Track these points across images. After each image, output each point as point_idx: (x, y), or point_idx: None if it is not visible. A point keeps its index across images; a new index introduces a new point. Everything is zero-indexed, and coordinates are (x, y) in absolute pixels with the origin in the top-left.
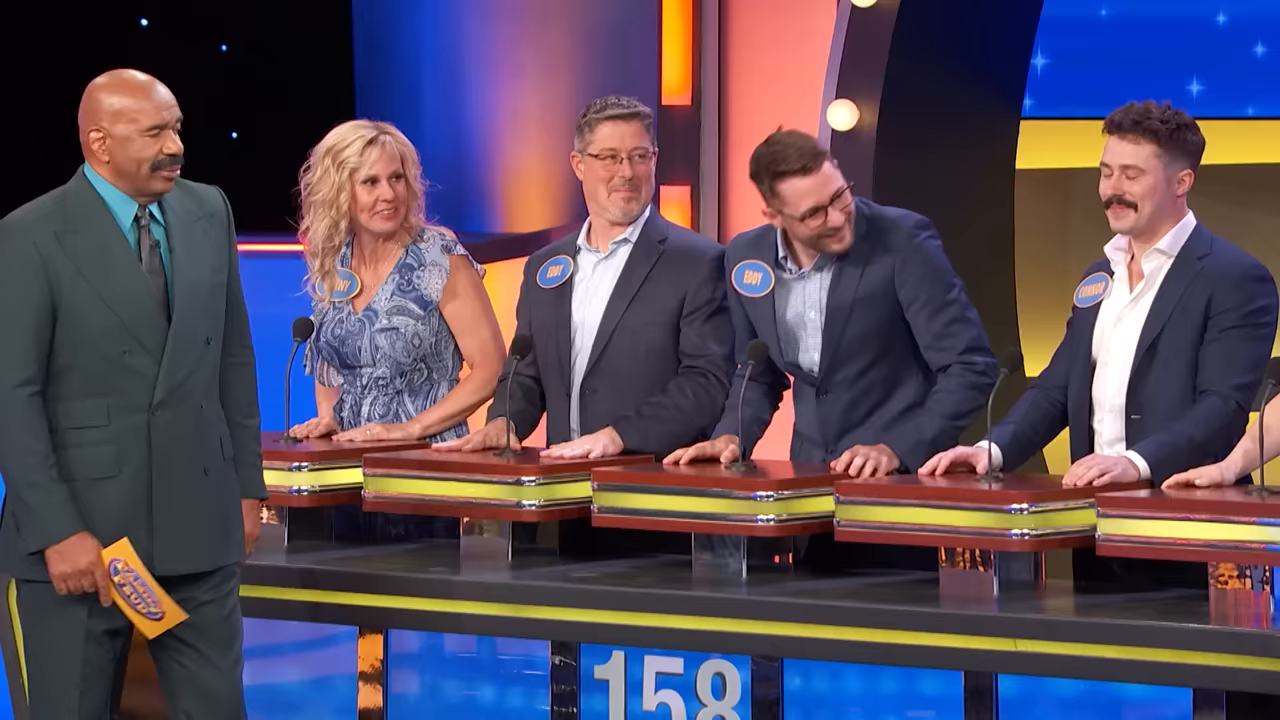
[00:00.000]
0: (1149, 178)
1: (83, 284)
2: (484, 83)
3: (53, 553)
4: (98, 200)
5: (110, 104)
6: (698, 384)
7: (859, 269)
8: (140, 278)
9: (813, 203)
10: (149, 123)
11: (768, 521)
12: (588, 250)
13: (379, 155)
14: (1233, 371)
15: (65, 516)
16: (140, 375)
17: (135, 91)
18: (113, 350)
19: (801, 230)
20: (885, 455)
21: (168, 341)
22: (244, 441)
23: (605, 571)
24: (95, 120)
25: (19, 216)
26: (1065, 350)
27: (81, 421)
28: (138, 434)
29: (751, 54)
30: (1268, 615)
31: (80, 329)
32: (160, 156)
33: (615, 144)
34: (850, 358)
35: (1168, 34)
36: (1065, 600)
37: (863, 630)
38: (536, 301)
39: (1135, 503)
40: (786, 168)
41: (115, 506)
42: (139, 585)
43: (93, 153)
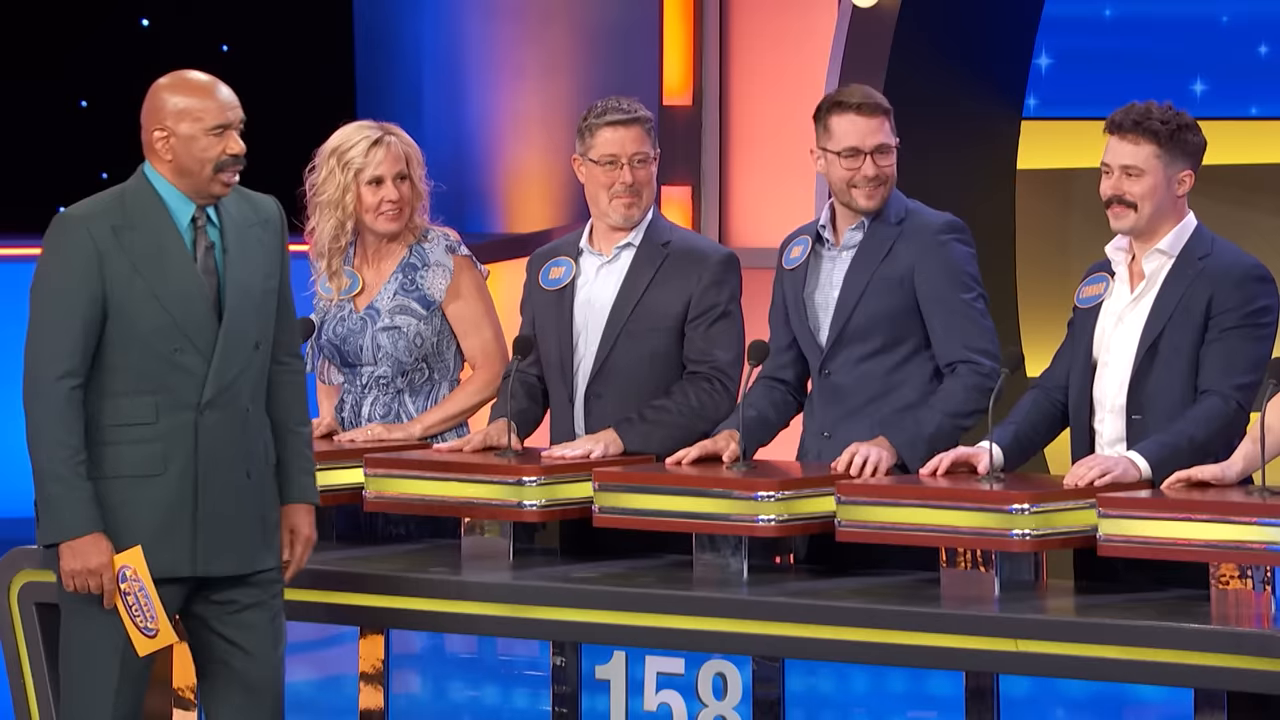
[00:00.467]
0: (1149, 178)
1: (137, 280)
2: (485, 83)
3: (66, 548)
4: (156, 199)
5: (174, 103)
6: (702, 389)
7: (881, 252)
8: (194, 277)
9: (854, 143)
10: (213, 122)
11: (769, 522)
12: (590, 253)
13: (384, 156)
14: (1233, 371)
15: (84, 514)
16: (190, 374)
17: (199, 91)
18: (163, 348)
19: (837, 172)
20: (885, 450)
21: (218, 342)
22: (296, 448)
23: (606, 572)
24: (159, 119)
25: (77, 210)
26: (1066, 350)
27: (129, 419)
28: (185, 433)
29: (752, 54)
30: (1269, 615)
31: (132, 325)
32: (223, 157)
33: (615, 150)
34: (856, 339)
35: (1171, 34)
36: (1066, 600)
37: (864, 630)
38: (539, 302)
39: (1136, 503)
40: (846, 100)
41: (159, 505)
42: (142, 597)
43: (155, 151)
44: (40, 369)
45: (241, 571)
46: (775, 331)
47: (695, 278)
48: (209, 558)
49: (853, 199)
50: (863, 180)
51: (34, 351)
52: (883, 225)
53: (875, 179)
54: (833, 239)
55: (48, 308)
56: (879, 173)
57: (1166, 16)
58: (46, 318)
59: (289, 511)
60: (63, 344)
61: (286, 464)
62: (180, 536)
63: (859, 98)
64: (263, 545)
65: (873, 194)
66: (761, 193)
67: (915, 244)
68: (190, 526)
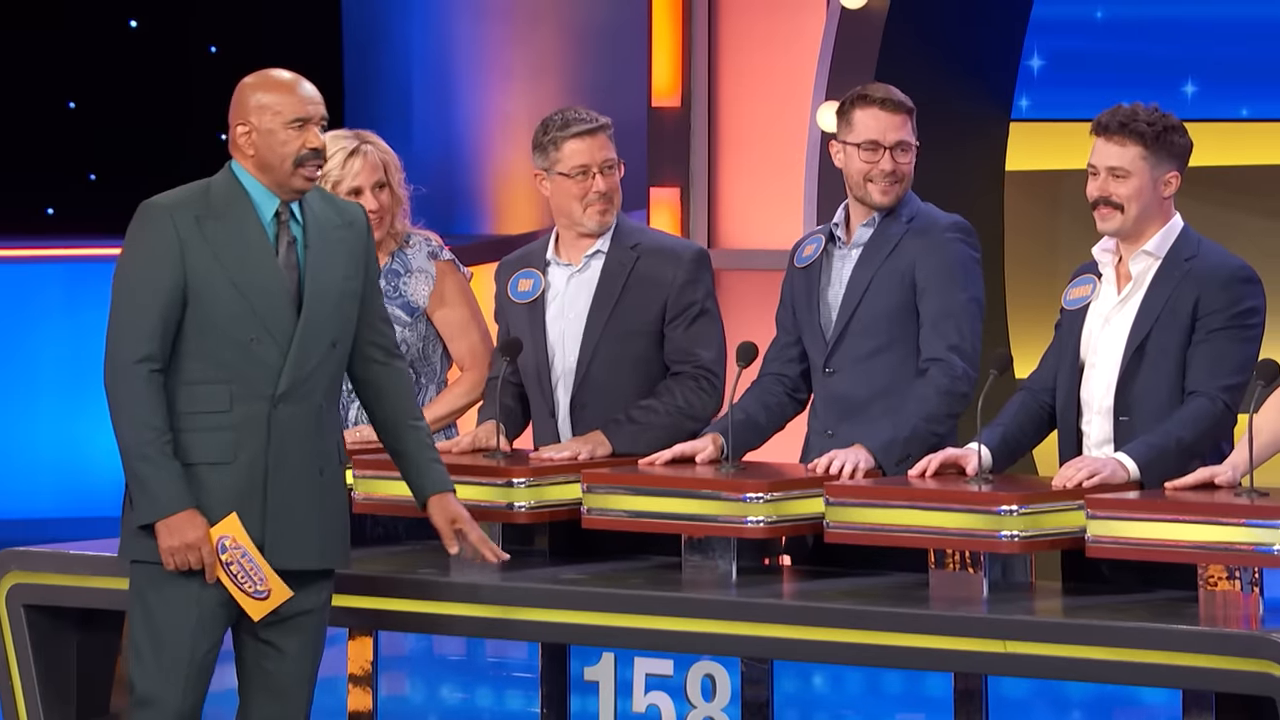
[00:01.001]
0: (1135, 180)
1: (217, 269)
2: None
3: (162, 526)
4: (241, 192)
5: (256, 99)
6: (688, 388)
7: (888, 248)
8: (275, 269)
9: (875, 136)
10: (292, 115)
11: (757, 523)
12: (558, 264)
13: (361, 166)
14: (1220, 373)
15: (177, 491)
16: (266, 365)
17: (280, 87)
18: (241, 337)
19: (855, 165)
20: (863, 457)
21: (295, 335)
22: (420, 440)
23: (595, 573)
24: (242, 115)
25: (161, 199)
26: (1053, 352)
27: (203, 406)
28: (258, 423)
29: (741, 56)
30: (1257, 617)
31: (210, 313)
32: (303, 151)
33: (585, 160)
34: (858, 336)
35: (1163, 36)
36: (1055, 602)
37: (853, 632)
38: (511, 315)
39: (1124, 504)
40: (870, 95)
41: (229, 492)
42: (246, 563)
43: (238, 147)
44: (121, 353)
45: (309, 567)
46: (781, 329)
47: (669, 278)
48: (275, 549)
49: (868, 193)
50: (879, 175)
51: (115, 336)
52: (892, 222)
53: (892, 174)
54: (845, 237)
55: (130, 293)
56: (897, 169)
57: (1158, 18)
58: (128, 303)
59: (440, 502)
60: (143, 328)
61: (415, 457)
62: (249, 526)
63: (883, 93)
64: (328, 544)
65: (888, 189)
66: (750, 194)
67: (920, 241)
68: (259, 516)
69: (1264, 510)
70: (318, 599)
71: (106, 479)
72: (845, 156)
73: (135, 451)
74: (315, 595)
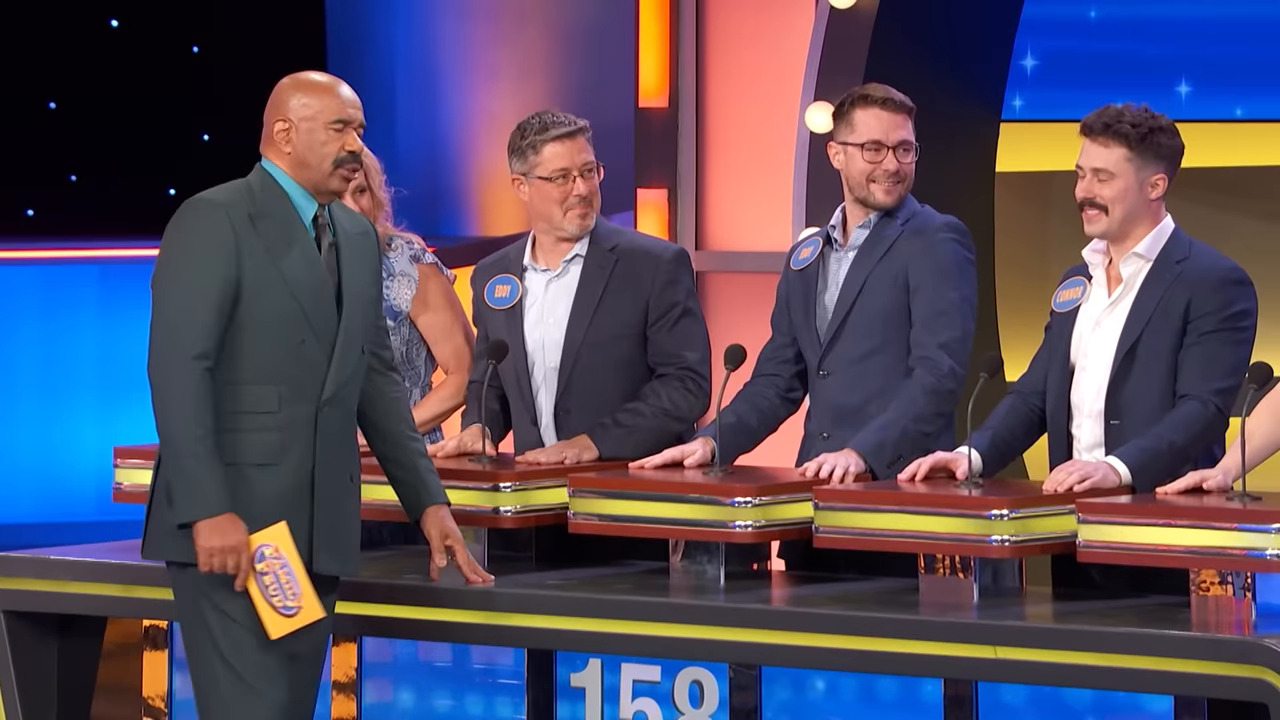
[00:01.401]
0: (1119, 181)
1: (272, 268)
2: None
3: (205, 525)
4: (282, 192)
5: (298, 98)
6: (674, 389)
7: (883, 248)
8: (322, 272)
9: (878, 136)
10: (333, 116)
11: (746, 528)
12: (536, 269)
13: None
14: (1212, 376)
15: (223, 492)
16: (313, 367)
17: (321, 89)
18: (291, 338)
19: (857, 165)
20: (853, 461)
21: (338, 339)
22: (420, 451)
23: (581, 578)
24: (281, 112)
25: (212, 195)
26: (1043, 355)
27: (252, 406)
28: (305, 426)
29: (729, 56)
30: (1249, 622)
31: (262, 312)
32: (341, 153)
33: (566, 163)
34: (853, 336)
35: (1156, 35)
36: (1045, 607)
37: (841, 637)
38: (489, 321)
39: (1116, 508)
40: (871, 95)
41: (275, 493)
42: (284, 574)
43: (275, 144)
44: (175, 347)
45: (346, 574)
46: (776, 330)
47: (649, 279)
48: (320, 555)
49: (870, 193)
50: (883, 175)
51: (169, 330)
52: (888, 224)
53: (896, 174)
54: (841, 240)
55: (184, 288)
56: (900, 168)
57: (1151, 18)
58: (183, 298)
59: (436, 515)
60: (199, 326)
61: (415, 468)
62: (296, 531)
63: (884, 93)
64: (354, 550)
65: (891, 189)
66: (739, 196)
67: (915, 242)
68: (307, 521)
69: (1257, 515)
70: (330, 603)
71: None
72: (846, 158)
73: (186, 449)
74: (329, 600)
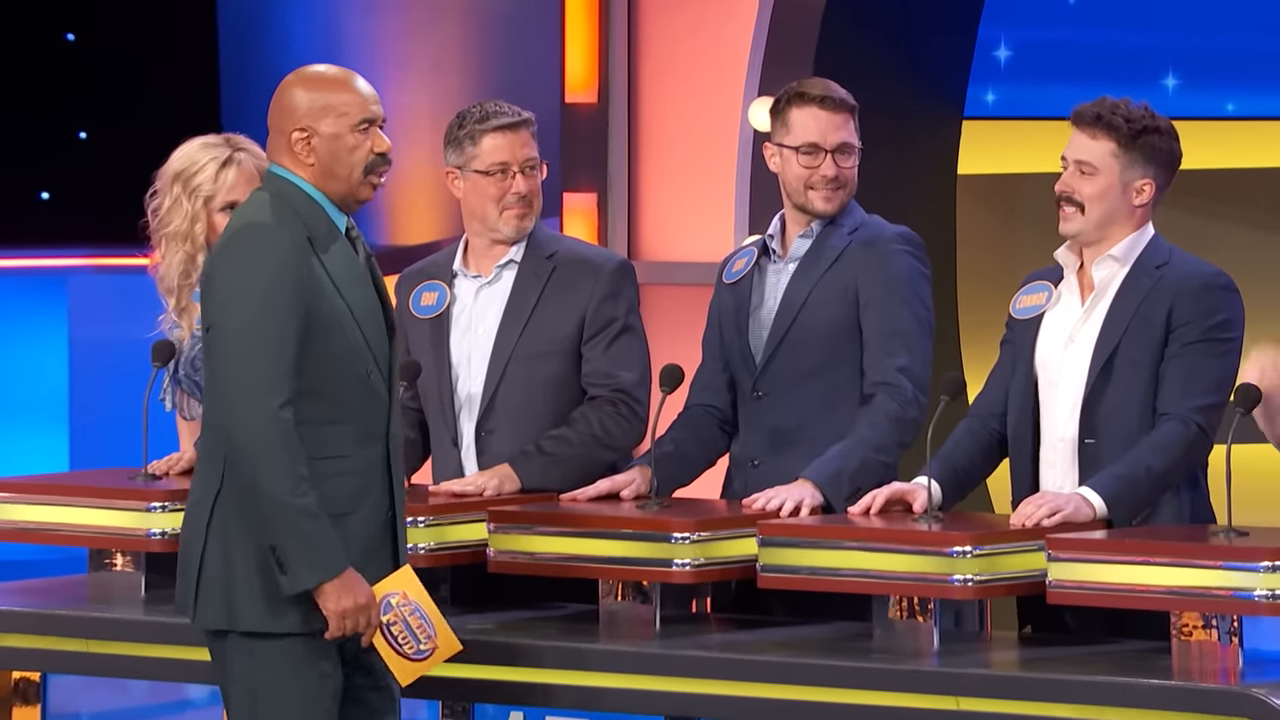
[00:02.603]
0: (1101, 178)
1: (335, 296)
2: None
3: (332, 588)
4: (318, 206)
5: (311, 99)
6: (606, 414)
7: (828, 260)
8: (371, 294)
9: (815, 138)
10: (359, 117)
11: (684, 566)
12: (466, 275)
13: (236, 177)
14: (1194, 392)
15: (339, 547)
16: (378, 400)
17: (336, 85)
18: (359, 370)
19: (793, 170)
20: (808, 493)
21: (391, 364)
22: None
23: (502, 622)
24: (294, 118)
25: (260, 216)
26: (1002, 371)
27: (326, 451)
28: (378, 466)
29: (664, 46)
30: (1236, 670)
31: (333, 345)
32: (372, 156)
33: (505, 157)
34: (792, 355)
35: (1141, 24)
36: (1012, 653)
37: (789, 687)
38: (412, 332)
39: (1089, 544)
40: (808, 92)
41: (359, 546)
42: (414, 619)
43: (294, 155)
44: (257, 397)
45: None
46: (708, 353)
47: (587, 291)
48: None
49: (809, 201)
50: (821, 181)
51: (246, 379)
52: (833, 233)
53: (835, 180)
54: (780, 250)
55: (255, 329)
56: (839, 174)
57: (1136, 4)
58: (256, 339)
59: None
60: (280, 369)
61: None
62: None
63: (822, 90)
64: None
65: (831, 197)
66: (675, 201)
67: (864, 254)
68: (392, 569)
69: (1243, 552)
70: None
71: None
72: (782, 161)
73: (294, 507)
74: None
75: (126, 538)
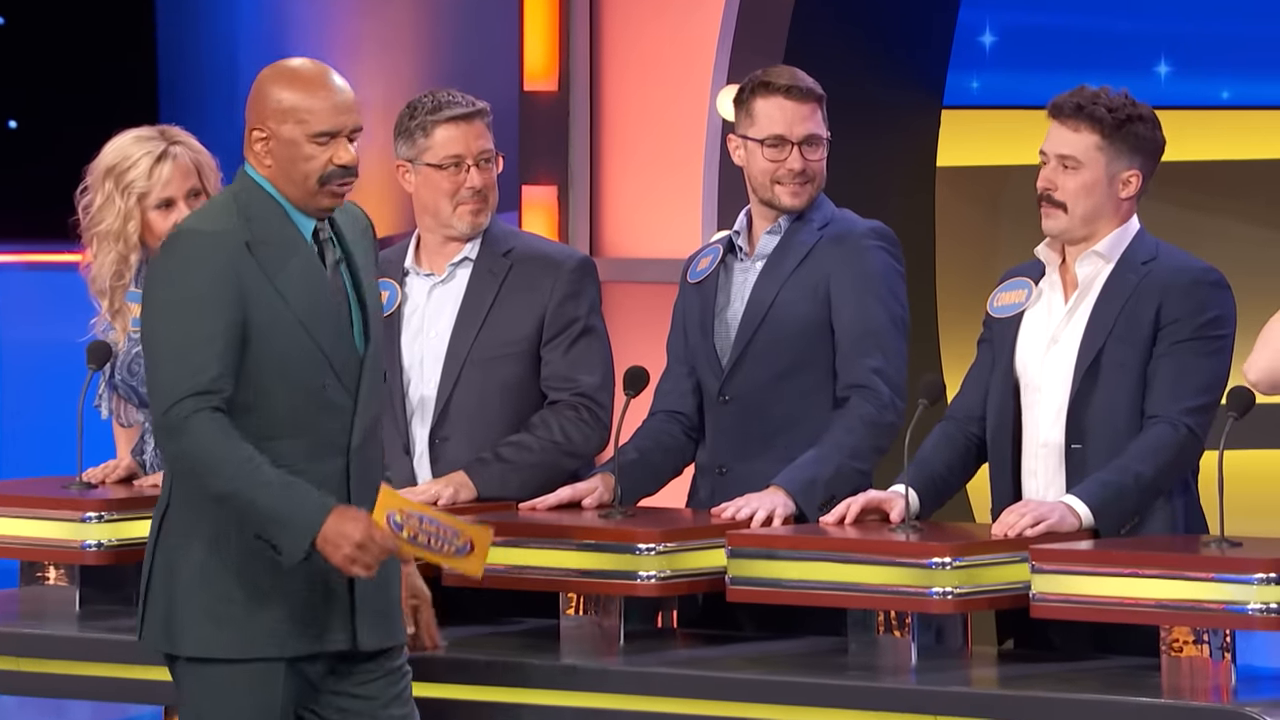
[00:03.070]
0: (1086, 172)
1: (281, 305)
2: None
3: (322, 543)
4: (277, 208)
5: (279, 99)
6: (566, 419)
7: (797, 258)
8: (332, 300)
9: (780, 130)
10: (319, 127)
11: (649, 579)
12: (419, 274)
13: (171, 173)
14: (1184, 393)
15: (312, 498)
16: (339, 412)
17: (308, 85)
18: (313, 383)
19: (758, 164)
20: (780, 502)
21: (361, 374)
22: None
23: (458, 638)
24: (260, 117)
25: (198, 223)
26: (980, 372)
27: (279, 465)
28: (337, 481)
29: (629, 32)
30: (1228, 687)
31: (279, 357)
32: (329, 168)
33: (459, 149)
34: (761, 357)
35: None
36: (993, 670)
37: (759, 706)
38: None
39: (1074, 556)
40: (773, 82)
41: (312, 567)
42: (429, 526)
43: (255, 154)
44: (185, 404)
45: (392, 643)
46: (673, 357)
47: (547, 290)
48: (365, 629)
49: (775, 196)
50: (787, 174)
51: (173, 383)
52: (802, 229)
53: (802, 174)
54: (747, 248)
55: (181, 334)
56: (806, 167)
57: None
58: (183, 345)
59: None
60: (206, 374)
61: None
62: (336, 604)
63: (788, 79)
64: (400, 615)
65: (799, 191)
66: (640, 194)
67: (836, 250)
68: (347, 593)
69: (1236, 563)
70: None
71: None
72: (746, 154)
73: (249, 491)
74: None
75: (60, 549)
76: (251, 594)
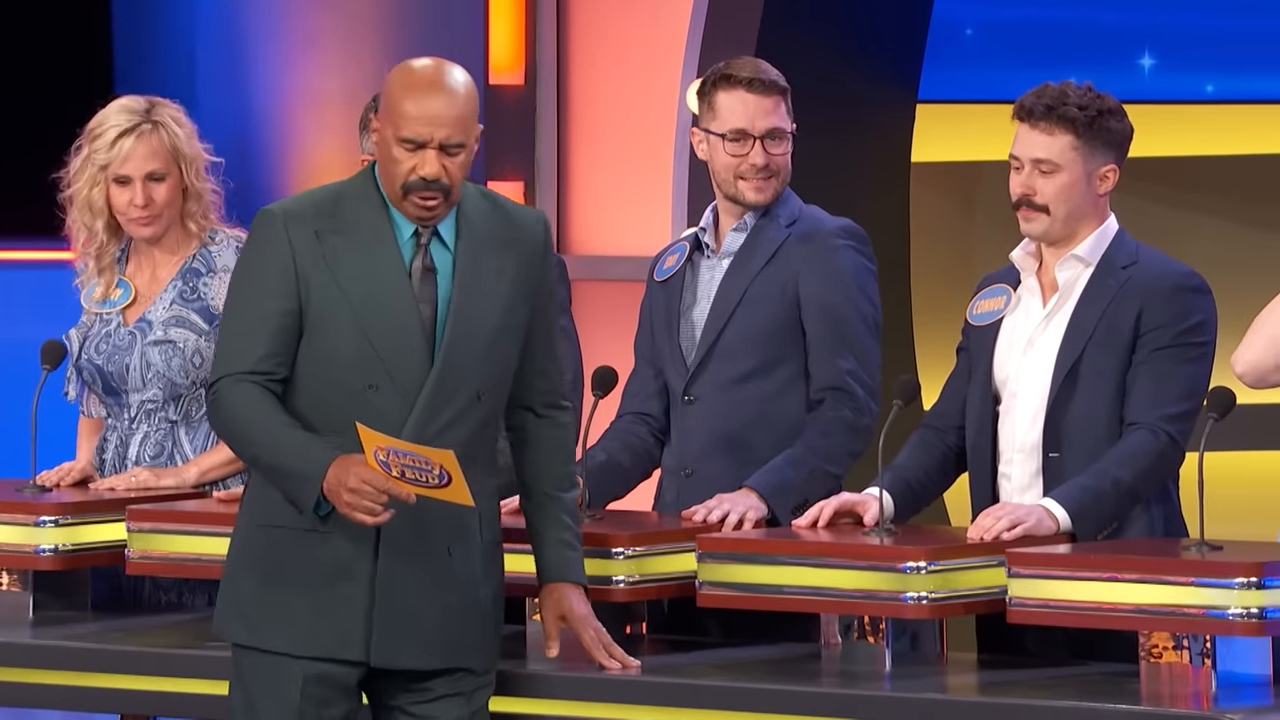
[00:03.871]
0: (1064, 174)
1: (339, 298)
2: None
3: (328, 492)
4: (379, 203)
5: (387, 95)
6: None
7: (765, 256)
8: (408, 303)
9: (742, 124)
10: (404, 133)
11: (619, 584)
12: None
13: (132, 149)
14: (1165, 400)
15: (319, 450)
16: (384, 417)
17: (411, 89)
18: (356, 384)
19: (721, 159)
20: (753, 504)
21: (426, 386)
22: (555, 515)
23: None
24: (380, 109)
25: (280, 203)
26: (959, 379)
27: None
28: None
29: (597, 24)
30: (1209, 694)
31: (327, 350)
32: (411, 177)
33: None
34: (727, 356)
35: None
36: (970, 677)
37: (730, 714)
38: None
39: (1052, 560)
40: (735, 75)
41: (326, 568)
42: (406, 459)
43: (374, 145)
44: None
45: (426, 667)
46: (640, 357)
47: None
48: (386, 645)
49: (739, 191)
50: (750, 169)
51: (216, 359)
52: (770, 225)
53: (765, 168)
54: (713, 245)
55: (236, 316)
56: (770, 161)
57: None
58: (235, 328)
59: (553, 593)
60: (249, 355)
61: (542, 533)
62: (351, 611)
63: (750, 72)
64: (462, 638)
65: (762, 186)
66: (608, 191)
67: (804, 248)
68: (365, 601)
69: (1217, 567)
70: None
71: None
72: (709, 148)
73: (271, 448)
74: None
75: (13, 554)
76: (275, 587)
